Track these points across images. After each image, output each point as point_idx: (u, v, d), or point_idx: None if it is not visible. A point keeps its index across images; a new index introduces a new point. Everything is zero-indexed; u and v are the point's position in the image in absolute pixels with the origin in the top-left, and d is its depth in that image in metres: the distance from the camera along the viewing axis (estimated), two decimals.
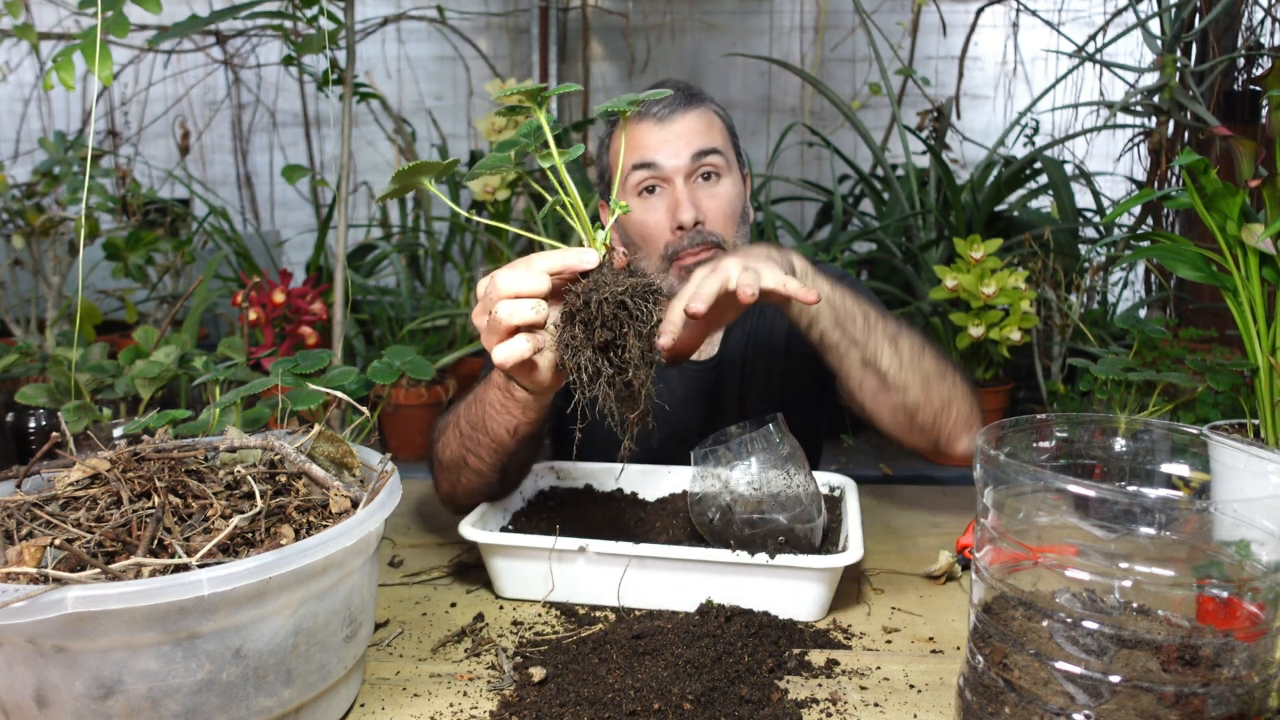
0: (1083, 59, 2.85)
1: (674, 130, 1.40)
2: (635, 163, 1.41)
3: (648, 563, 1.08)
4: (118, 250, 2.21)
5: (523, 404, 1.10)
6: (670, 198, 1.39)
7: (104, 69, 1.14)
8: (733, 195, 1.42)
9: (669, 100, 1.41)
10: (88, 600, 0.67)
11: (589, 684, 0.89)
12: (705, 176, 1.41)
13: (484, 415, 1.15)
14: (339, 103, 1.88)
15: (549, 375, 1.02)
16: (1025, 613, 0.77)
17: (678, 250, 1.38)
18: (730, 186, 1.42)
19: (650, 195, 1.41)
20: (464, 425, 1.20)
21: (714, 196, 1.41)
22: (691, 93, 1.45)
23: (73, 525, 0.79)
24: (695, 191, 1.40)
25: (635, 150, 1.41)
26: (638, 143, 1.41)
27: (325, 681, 0.82)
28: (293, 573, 0.74)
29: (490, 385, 1.14)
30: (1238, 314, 1.32)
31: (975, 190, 2.84)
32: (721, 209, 1.40)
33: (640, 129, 1.42)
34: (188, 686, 0.72)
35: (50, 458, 0.92)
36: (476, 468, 1.20)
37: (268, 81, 4.02)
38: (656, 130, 1.40)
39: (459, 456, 1.21)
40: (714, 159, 1.40)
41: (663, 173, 1.39)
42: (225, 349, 1.41)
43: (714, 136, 1.42)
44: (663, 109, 1.41)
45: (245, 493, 0.86)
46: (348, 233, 1.89)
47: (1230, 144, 1.30)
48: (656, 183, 1.41)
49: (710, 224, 1.39)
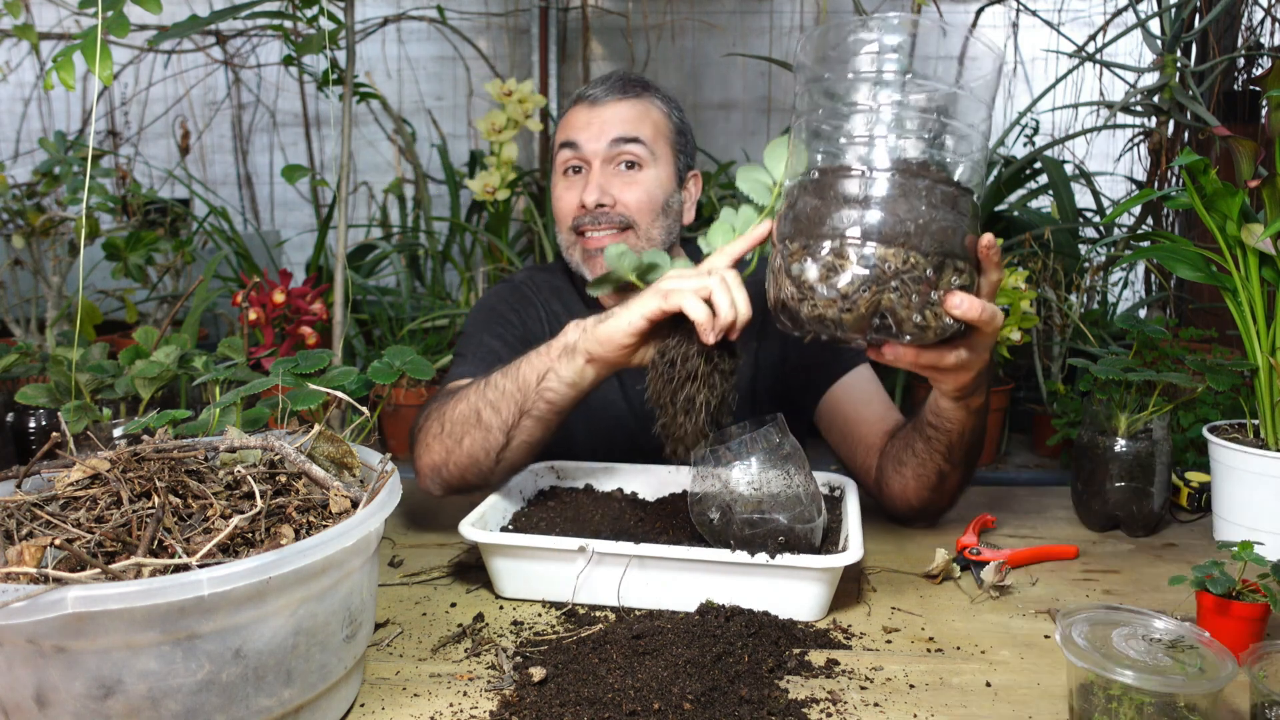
0: (1083, 59, 2.85)
1: (601, 115, 1.43)
2: (562, 141, 1.46)
3: (648, 563, 1.08)
4: (118, 250, 2.21)
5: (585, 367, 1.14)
6: (585, 179, 1.44)
7: (104, 69, 1.14)
8: (652, 185, 1.43)
9: (606, 85, 1.46)
10: (88, 600, 0.67)
11: (589, 684, 0.89)
12: (628, 165, 1.43)
13: (524, 367, 1.18)
14: (339, 103, 1.88)
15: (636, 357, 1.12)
16: None
17: (580, 224, 1.44)
18: (652, 178, 1.44)
19: (575, 175, 1.46)
20: (496, 376, 1.21)
21: (630, 184, 1.43)
22: (634, 85, 1.47)
23: (73, 525, 0.79)
24: (609, 177, 1.43)
25: (565, 129, 1.47)
26: (569, 122, 1.46)
27: (325, 682, 0.82)
28: (293, 573, 0.74)
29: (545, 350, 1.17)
30: (1237, 314, 1.32)
31: None
32: (637, 197, 1.42)
33: (576, 110, 1.47)
34: (188, 686, 0.72)
35: (50, 458, 0.92)
36: (488, 422, 1.19)
37: (268, 81, 4.02)
38: (585, 112, 1.45)
39: (474, 410, 1.20)
40: (634, 148, 1.42)
41: (583, 154, 1.44)
42: (225, 349, 1.41)
43: (641, 127, 1.43)
44: (599, 92, 1.45)
45: (245, 493, 0.86)
46: (348, 233, 1.89)
47: (1230, 144, 1.30)
48: (579, 163, 1.45)
49: (620, 208, 1.42)
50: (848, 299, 0.92)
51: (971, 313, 0.94)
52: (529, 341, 1.51)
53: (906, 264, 0.91)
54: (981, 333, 1.00)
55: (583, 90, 1.47)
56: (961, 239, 0.94)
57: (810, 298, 0.94)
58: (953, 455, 1.21)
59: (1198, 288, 2.77)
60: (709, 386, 1.07)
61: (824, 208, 0.94)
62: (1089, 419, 1.37)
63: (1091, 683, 0.82)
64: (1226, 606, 0.97)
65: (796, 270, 0.95)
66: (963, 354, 1.02)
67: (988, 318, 0.96)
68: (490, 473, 1.23)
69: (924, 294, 0.93)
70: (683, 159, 1.50)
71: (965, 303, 0.94)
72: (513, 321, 1.53)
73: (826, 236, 0.93)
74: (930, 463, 1.23)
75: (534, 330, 1.53)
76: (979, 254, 0.97)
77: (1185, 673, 0.79)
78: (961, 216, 0.95)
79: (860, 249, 0.91)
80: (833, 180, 0.95)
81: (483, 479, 1.24)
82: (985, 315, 0.96)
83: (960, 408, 1.14)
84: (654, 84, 1.50)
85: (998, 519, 1.40)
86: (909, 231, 0.91)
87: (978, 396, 1.14)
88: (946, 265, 0.93)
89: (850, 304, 0.92)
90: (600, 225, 1.42)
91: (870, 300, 0.92)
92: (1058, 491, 1.54)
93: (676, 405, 1.07)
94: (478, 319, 1.54)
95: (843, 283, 0.92)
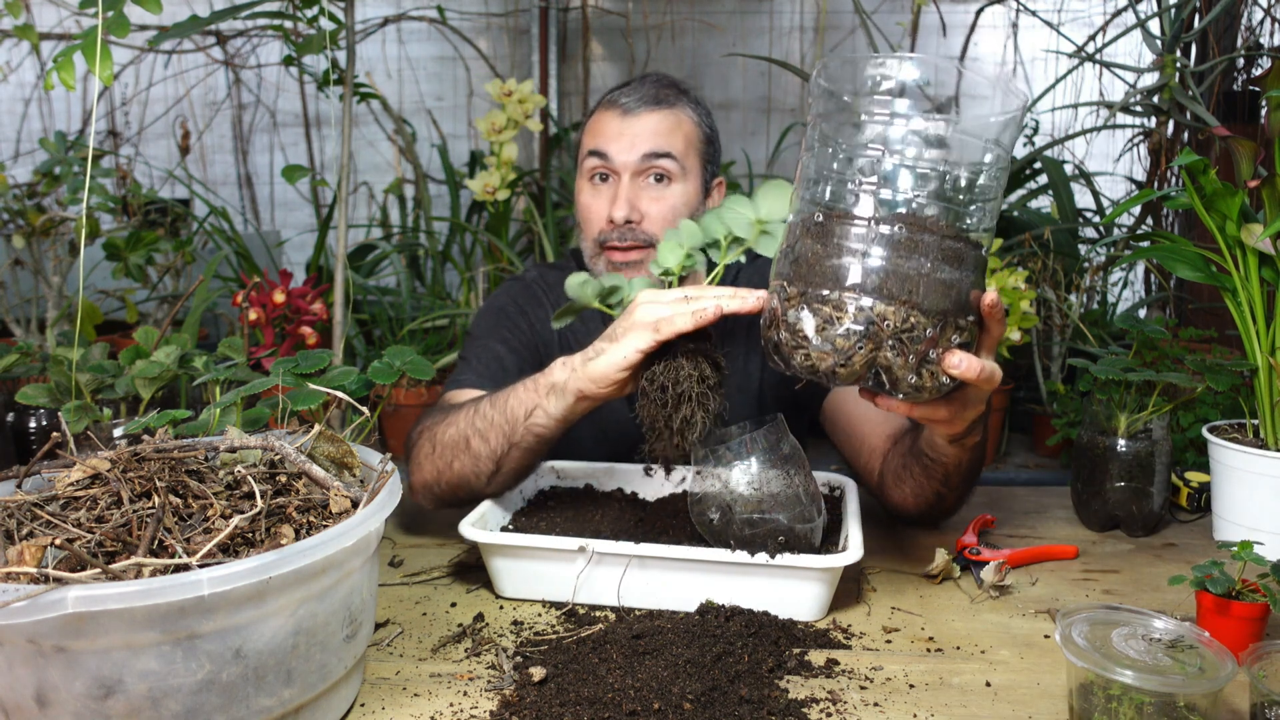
0: (1082, 59, 2.85)
1: (634, 126, 1.40)
2: (591, 148, 1.43)
3: (648, 562, 1.08)
4: (118, 250, 2.21)
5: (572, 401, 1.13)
6: (614, 190, 1.41)
7: (104, 69, 1.14)
8: (679, 202, 1.41)
9: (641, 95, 1.42)
10: (88, 600, 0.67)
11: (589, 684, 0.89)
12: (658, 179, 1.41)
13: (511, 399, 1.17)
14: (339, 103, 1.88)
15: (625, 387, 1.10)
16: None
17: (606, 240, 1.41)
18: (679, 194, 1.41)
19: (601, 183, 1.43)
20: (484, 405, 1.20)
21: (658, 200, 1.40)
22: (668, 93, 1.44)
23: (73, 525, 0.79)
24: (639, 191, 1.40)
25: (596, 136, 1.44)
26: (599, 129, 1.44)
27: (325, 681, 0.82)
28: (293, 573, 0.74)
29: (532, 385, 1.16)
30: (1237, 314, 1.32)
31: None
32: (663, 213, 1.40)
33: (606, 116, 1.44)
34: (188, 686, 0.72)
35: (50, 458, 0.92)
36: (476, 450, 1.19)
37: (268, 82, 4.01)
38: (618, 121, 1.42)
39: (463, 436, 1.20)
40: (665, 163, 1.40)
41: (612, 165, 1.41)
42: (225, 349, 1.41)
43: (674, 141, 1.41)
44: (632, 101, 1.42)
45: (245, 493, 0.86)
46: (348, 233, 1.89)
47: (1230, 144, 1.30)
48: (607, 172, 1.42)
49: (646, 224, 1.40)
50: (842, 353, 0.89)
51: (970, 373, 0.91)
52: (536, 345, 1.51)
53: (906, 323, 0.88)
54: (979, 388, 0.97)
55: (615, 95, 1.43)
56: (966, 295, 0.91)
57: (804, 347, 0.91)
58: (950, 481, 1.20)
59: (1197, 288, 2.77)
60: (703, 405, 1.06)
61: (824, 255, 0.91)
62: (1089, 419, 1.37)
63: (1091, 683, 0.82)
64: (1226, 606, 0.97)
65: (793, 318, 0.92)
66: (957, 408, 1.00)
67: (986, 377, 0.93)
68: (482, 491, 1.24)
69: (921, 353, 0.90)
70: (710, 169, 1.48)
71: (964, 363, 0.91)
72: (520, 325, 1.52)
73: (825, 286, 0.90)
74: (929, 487, 1.23)
75: (542, 332, 1.52)
76: (982, 310, 0.94)
77: (1185, 673, 0.79)
78: (968, 273, 0.91)
79: (858, 302, 0.88)
80: (835, 226, 0.91)
81: (474, 497, 1.24)
82: (984, 375, 0.92)
83: (956, 446, 1.13)
84: (686, 87, 1.48)
85: (998, 519, 1.40)
86: (911, 290, 0.88)
87: (973, 436, 1.11)
88: (948, 324, 0.90)
89: (845, 359, 0.89)
90: (626, 243, 1.39)
91: (865, 357, 0.89)
92: (1057, 491, 1.54)
93: (673, 428, 1.06)
94: (485, 321, 1.53)
95: (838, 337, 0.89)
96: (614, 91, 1.45)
